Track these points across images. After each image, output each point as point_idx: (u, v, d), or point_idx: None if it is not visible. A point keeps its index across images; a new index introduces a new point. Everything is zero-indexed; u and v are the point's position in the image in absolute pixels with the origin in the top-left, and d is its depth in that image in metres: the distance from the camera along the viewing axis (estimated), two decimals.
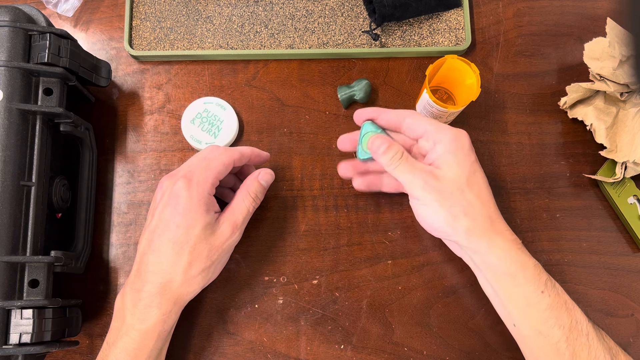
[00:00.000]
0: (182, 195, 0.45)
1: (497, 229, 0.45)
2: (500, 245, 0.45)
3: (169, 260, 0.45)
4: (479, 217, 0.45)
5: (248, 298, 0.54)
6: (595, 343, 0.43)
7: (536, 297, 0.44)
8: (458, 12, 0.60)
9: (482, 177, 0.47)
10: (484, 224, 0.45)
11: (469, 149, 0.46)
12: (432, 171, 0.46)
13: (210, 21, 0.59)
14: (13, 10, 0.47)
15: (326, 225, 0.56)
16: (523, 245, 0.46)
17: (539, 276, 0.44)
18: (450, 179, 0.45)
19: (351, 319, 0.53)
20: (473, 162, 0.46)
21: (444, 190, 0.45)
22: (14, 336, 0.44)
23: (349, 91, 0.57)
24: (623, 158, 0.53)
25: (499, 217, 0.46)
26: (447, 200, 0.45)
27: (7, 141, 0.45)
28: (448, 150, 0.46)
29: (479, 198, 0.45)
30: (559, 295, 0.44)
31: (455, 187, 0.45)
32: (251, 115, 0.58)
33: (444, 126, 0.47)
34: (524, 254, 0.45)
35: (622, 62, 0.52)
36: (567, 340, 0.43)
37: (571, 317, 0.43)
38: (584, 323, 0.44)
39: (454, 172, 0.45)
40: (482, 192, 0.46)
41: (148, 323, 0.44)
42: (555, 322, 0.43)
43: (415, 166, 0.46)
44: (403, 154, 0.46)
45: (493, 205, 0.46)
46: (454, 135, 0.46)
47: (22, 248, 0.45)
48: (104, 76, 0.54)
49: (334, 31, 0.59)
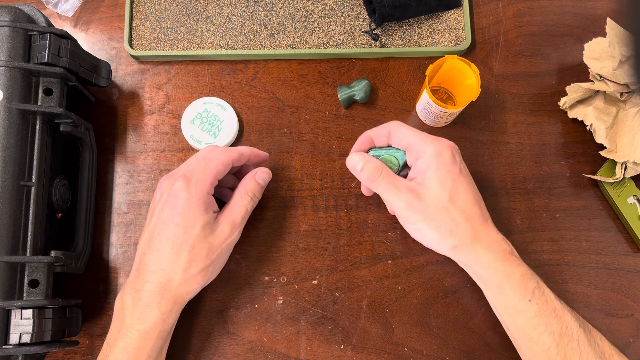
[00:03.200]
0: (181, 195, 0.45)
1: (483, 242, 0.46)
2: (485, 258, 0.45)
3: (168, 260, 0.45)
4: (464, 235, 0.45)
5: (248, 298, 0.54)
6: (587, 348, 0.43)
7: (523, 306, 0.44)
8: (458, 12, 0.60)
9: (466, 190, 0.46)
10: (469, 240, 0.45)
11: (451, 164, 0.45)
12: (415, 189, 0.45)
13: (210, 21, 0.59)
14: (13, 10, 0.47)
15: (326, 225, 0.56)
16: (513, 252, 0.46)
17: (526, 285, 0.45)
18: (432, 198, 0.45)
19: (351, 319, 0.53)
20: (456, 177, 0.45)
21: (427, 210, 0.45)
22: (14, 336, 0.44)
23: (349, 91, 0.57)
24: (623, 158, 0.53)
25: (486, 228, 0.46)
26: (432, 220, 0.45)
27: (7, 141, 0.45)
28: (429, 166, 0.45)
29: (463, 214, 0.45)
30: (547, 303, 0.44)
31: (439, 206, 0.45)
32: (251, 115, 0.58)
33: (427, 139, 0.46)
34: (510, 264, 0.45)
35: (622, 62, 0.52)
36: (558, 346, 0.43)
37: (561, 323, 0.44)
38: (574, 329, 0.44)
39: (436, 191, 0.45)
40: (466, 207, 0.45)
41: (148, 323, 0.44)
42: (545, 329, 0.44)
43: (396, 184, 0.46)
44: (382, 170, 0.46)
45: (479, 218, 0.46)
46: (435, 150, 0.45)
47: (22, 248, 0.45)
48: (104, 76, 0.54)
49: (334, 31, 0.59)
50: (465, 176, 0.47)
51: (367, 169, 0.46)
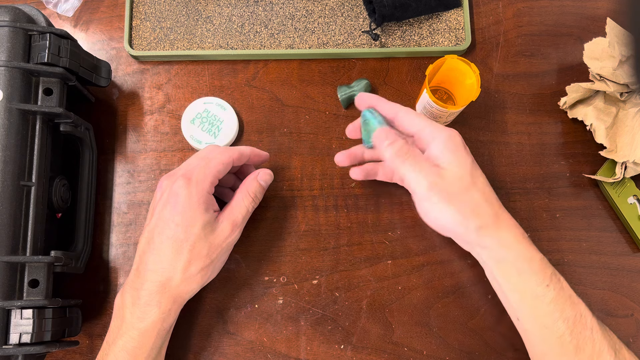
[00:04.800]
0: (181, 194, 0.45)
1: (505, 224, 0.46)
2: (508, 240, 0.45)
3: (168, 259, 0.45)
4: (486, 215, 0.45)
5: (248, 298, 0.54)
6: (600, 337, 0.43)
7: (541, 290, 0.44)
8: (458, 12, 0.60)
9: (482, 175, 0.47)
10: (492, 221, 0.45)
11: (464, 149, 0.46)
12: (437, 170, 0.45)
13: (210, 21, 0.59)
14: (13, 10, 0.47)
15: (326, 225, 0.56)
16: (528, 237, 0.46)
17: (545, 270, 0.45)
18: (455, 178, 0.45)
19: (351, 319, 0.53)
20: (472, 160, 0.46)
21: (450, 190, 0.45)
22: (14, 336, 0.44)
23: (349, 91, 0.57)
24: (623, 158, 0.53)
25: (504, 212, 0.47)
26: (455, 200, 0.45)
27: (7, 141, 0.45)
28: (446, 148, 0.45)
29: (484, 195, 0.45)
30: (563, 290, 0.44)
31: (462, 186, 0.45)
32: (251, 115, 0.58)
33: (438, 125, 0.47)
34: (531, 247, 0.46)
35: (622, 62, 0.52)
36: (572, 333, 0.43)
37: (575, 311, 0.44)
38: (588, 317, 0.44)
39: (457, 172, 0.45)
40: (485, 190, 0.46)
41: (147, 321, 0.44)
42: (560, 316, 0.43)
43: (420, 164, 0.45)
44: (409, 149, 0.46)
45: (497, 201, 0.47)
46: (448, 135, 0.46)
47: (22, 248, 0.45)
48: (104, 76, 0.54)
49: (334, 31, 0.59)
50: (476, 163, 0.47)
51: (395, 146, 0.46)
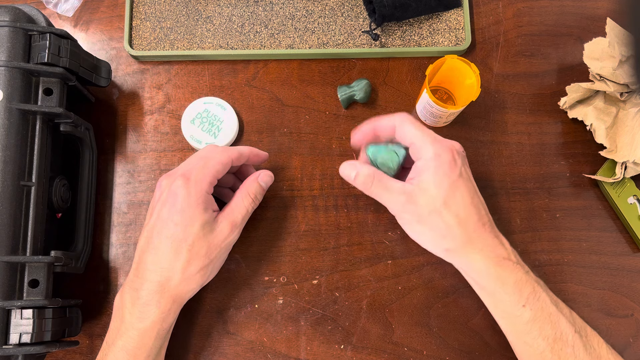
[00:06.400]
0: (180, 194, 0.45)
1: (476, 247, 0.45)
2: (478, 263, 0.46)
3: (167, 259, 0.45)
4: (457, 240, 0.45)
5: (248, 298, 0.54)
6: (582, 354, 0.43)
7: (517, 311, 0.44)
8: (458, 12, 0.60)
9: (463, 194, 0.45)
10: (461, 246, 0.46)
11: (449, 167, 0.45)
12: (409, 192, 0.46)
13: (210, 21, 0.59)
14: (13, 10, 0.47)
15: (326, 225, 0.56)
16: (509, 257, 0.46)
17: (520, 291, 0.45)
18: (426, 201, 0.45)
19: (351, 319, 0.53)
20: (454, 181, 0.45)
21: (420, 213, 0.45)
22: (14, 336, 0.44)
23: (349, 91, 0.57)
24: (623, 158, 0.53)
25: (482, 233, 0.46)
26: (425, 223, 0.46)
27: (7, 141, 0.45)
28: (426, 168, 0.45)
29: (457, 218, 0.45)
30: (542, 309, 0.44)
31: (432, 209, 0.45)
32: (251, 115, 0.58)
33: (428, 139, 0.46)
34: (504, 270, 0.45)
35: (622, 62, 0.52)
36: (552, 350, 0.43)
37: (555, 329, 0.44)
38: (569, 334, 0.44)
39: (431, 194, 0.45)
40: (461, 211, 0.45)
41: (147, 321, 0.44)
42: (539, 334, 0.44)
43: (390, 189, 0.46)
44: (374, 177, 0.47)
45: (475, 222, 0.45)
46: (434, 153, 0.45)
47: (22, 248, 0.45)
48: (104, 76, 0.54)
49: (334, 31, 0.59)
50: (465, 179, 0.46)
51: (359, 178, 0.47)
